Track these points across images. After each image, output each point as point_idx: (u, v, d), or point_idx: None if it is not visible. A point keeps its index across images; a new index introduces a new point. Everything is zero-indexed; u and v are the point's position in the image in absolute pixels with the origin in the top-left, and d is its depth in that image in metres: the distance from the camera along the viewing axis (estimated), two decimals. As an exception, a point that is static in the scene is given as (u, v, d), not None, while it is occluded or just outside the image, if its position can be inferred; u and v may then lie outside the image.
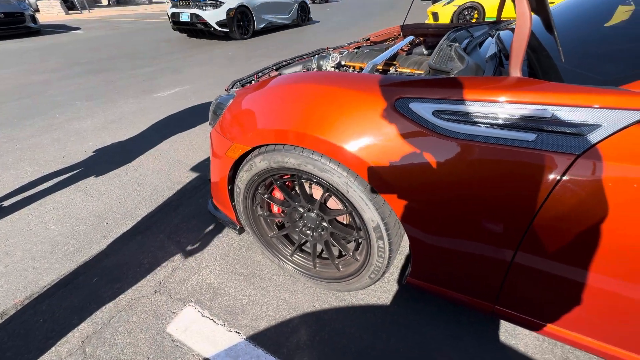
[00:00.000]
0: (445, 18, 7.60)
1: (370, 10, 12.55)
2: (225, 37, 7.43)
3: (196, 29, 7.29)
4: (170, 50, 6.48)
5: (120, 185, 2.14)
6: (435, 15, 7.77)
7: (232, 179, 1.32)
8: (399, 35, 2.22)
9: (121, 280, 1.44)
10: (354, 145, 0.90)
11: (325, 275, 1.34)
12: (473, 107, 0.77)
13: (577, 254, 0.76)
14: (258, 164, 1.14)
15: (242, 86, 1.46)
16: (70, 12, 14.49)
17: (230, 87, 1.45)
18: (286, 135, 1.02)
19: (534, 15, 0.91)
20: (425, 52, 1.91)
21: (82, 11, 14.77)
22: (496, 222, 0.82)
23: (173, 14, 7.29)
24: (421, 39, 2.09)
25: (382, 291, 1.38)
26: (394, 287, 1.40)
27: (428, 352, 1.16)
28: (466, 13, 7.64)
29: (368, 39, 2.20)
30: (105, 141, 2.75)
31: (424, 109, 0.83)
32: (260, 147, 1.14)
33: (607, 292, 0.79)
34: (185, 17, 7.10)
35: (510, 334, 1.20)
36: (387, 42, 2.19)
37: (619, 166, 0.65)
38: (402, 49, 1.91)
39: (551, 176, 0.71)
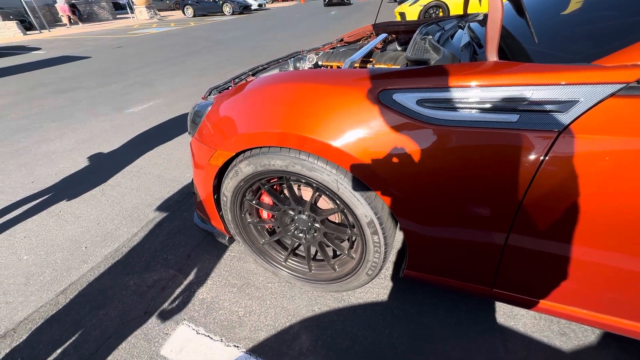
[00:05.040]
0: (412, 17, 7.86)
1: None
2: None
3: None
4: (138, 64, 6.29)
5: (97, 206, 2.03)
6: (402, 15, 8.04)
7: (217, 187, 1.27)
8: (372, 34, 2.25)
9: (106, 306, 1.35)
10: (341, 141, 0.89)
11: (322, 277, 1.32)
12: (456, 93, 0.77)
13: (567, 230, 0.78)
14: (244, 169, 1.11)
15: (219, 93, 1.42)
16: (28, 32, 13.85)
17: (207, 94, 1.41)
18: (271, 137, 1.00)
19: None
20: (399, 48, 1.94)
21: (42, 31, 14.14)
22: (488, 205, 0.83)
23: None
24: (393, 36, 2.13)
25: (380, 287, 1.37)
26: (391, 283, 1.39)
27: (431, 341, 1.15)
28: (432, 12, 7.94)
29: (342, 40, 2.22)
30: (78, 162, 2.61)
31: (407, 99, 0.83)
32: (244, 151, 1.11)
33: (597, 264, 0.81)
34: None
35: (509, 315, 1.22)
36: (361, 42, 2.22)
37: (599, 138, 0.67)
38: (376, 47, 1.93)
39: (536, 155, 0.72)
